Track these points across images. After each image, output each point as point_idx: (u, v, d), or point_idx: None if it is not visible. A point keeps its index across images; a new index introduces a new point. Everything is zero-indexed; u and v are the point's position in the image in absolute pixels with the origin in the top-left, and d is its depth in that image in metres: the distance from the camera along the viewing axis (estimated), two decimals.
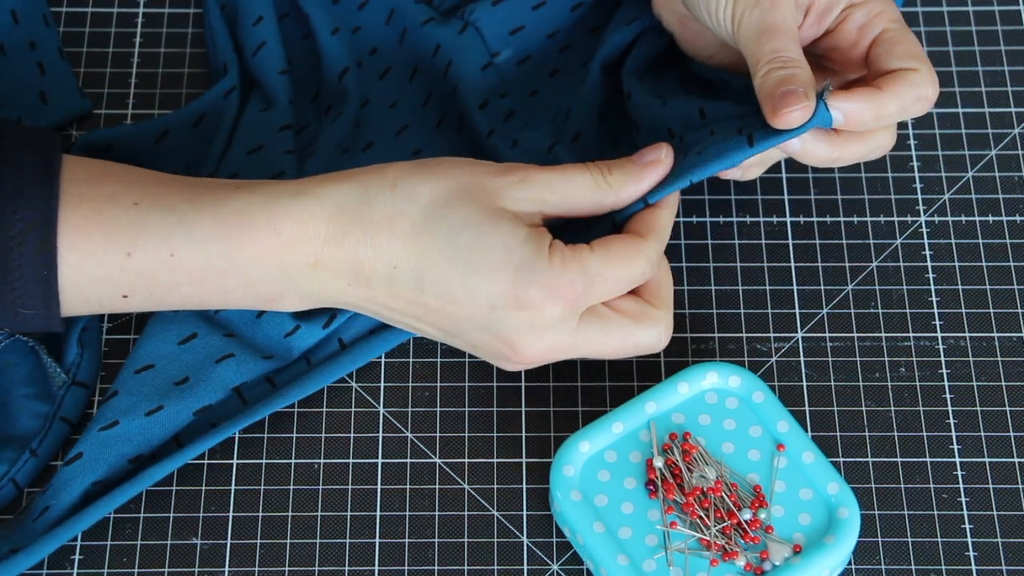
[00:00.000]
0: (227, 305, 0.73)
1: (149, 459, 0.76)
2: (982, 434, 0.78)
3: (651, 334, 0.73)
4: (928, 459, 0.77)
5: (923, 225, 0.84)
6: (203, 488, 0.76)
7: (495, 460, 0.77)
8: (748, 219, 0.84)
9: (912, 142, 0.87)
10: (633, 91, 0.83)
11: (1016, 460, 0.77)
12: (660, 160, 0.73)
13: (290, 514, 0.76)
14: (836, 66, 0.78)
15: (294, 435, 0.78)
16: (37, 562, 0.73)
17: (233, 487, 0.76)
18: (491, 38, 0.86)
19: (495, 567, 0.75)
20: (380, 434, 0.78)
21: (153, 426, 0.75)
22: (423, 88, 0.86)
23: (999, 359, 0.80)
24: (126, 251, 0.70)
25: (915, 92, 0.74)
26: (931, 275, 0.82)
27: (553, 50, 0.87)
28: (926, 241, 0.83)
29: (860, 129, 0.74)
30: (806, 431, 0.77)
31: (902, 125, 0.87)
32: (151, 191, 0.71)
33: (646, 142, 0.79)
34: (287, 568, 0.74)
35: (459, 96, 0.84)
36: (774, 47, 0.73)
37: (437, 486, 0.77)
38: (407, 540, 0.75)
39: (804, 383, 0.79)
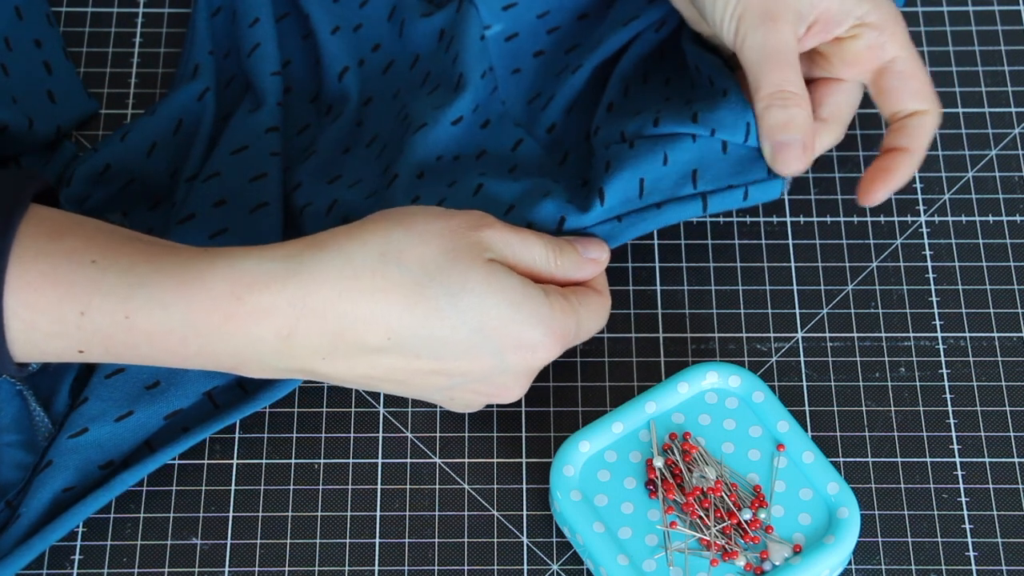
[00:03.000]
0: (187, 367, 0.71)
1: (121, 465, 0.75)
2: (982, 434, 0.78)
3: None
4: (928, 459, 0.77)
5: (923, 225, 0.84)
6: (203, 488, 0.76)
7: (495, 460, 0.77)
8: (748, 219, 0.84)
9: None
10: (615, 102, 0.83)
11: (1016, 460, 0.77)
12: (599, 260, 0.75)
13: (290, 514, 0.76)
14: (830, 67, 0.79)
15: (294, 435, 0.78)
16: (12, 574, 0.72)
17: (233, 487, 0.76)
18: (485, 11, 0.86)
19: (495, 567, 0.75)
20: (380, 434, 0.78)
21: (123, 432, 0.75)
22: (423, 71, 0.87)
23: (999, 359, 0.80)
24: (79, 310, 0.67)
25: (931, 134, 0.79)
26: (931, 275, 0.82)
27: (541, 31, 0.87)
28: (926, 241, 0.83)
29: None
30: (806, 431, 0.77)
31: None
32: (113, 249, 0.68)
33: (600, 142, 0.81)
34: (287, 568, 0.74)
35: (460, 64, 0.84)
36: (776, 79, 0.75)
37: (437, 486, 0.77)
38: (407, 540, 0.75)
39: (804, 383, 0.79)
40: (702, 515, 0.73)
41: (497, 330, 0.69)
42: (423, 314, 0.68)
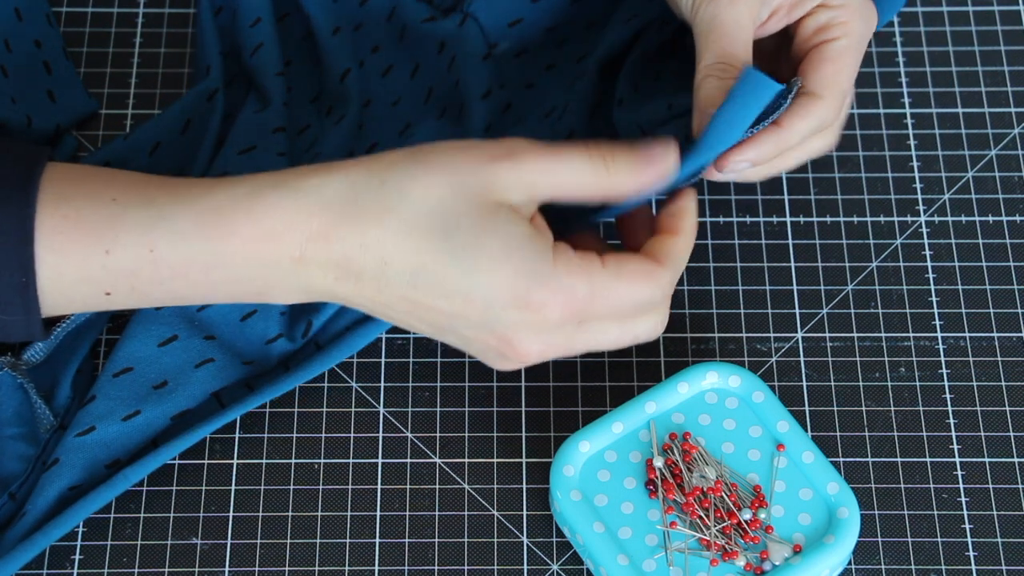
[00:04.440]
0: (215, 300, 0.71)
1: (126, 463, 0.75)
2: (982, 434, 0.78)
3: (649, 324, 0.70)
4: (928, 459, 0.77)
5: (923, 225, 0.84)
6: (203, 488, 0.76)
7: (495, 460, 0.77)
8: (748, 219, 0.84)
9: (912, 142, 0.87)
10: (625, 98, 0.83)
11: (1016, 460, 0.77)
12: (666, 160, 0.69)
13: (290, 514, 0.76)
14: (791, 53, 0.78)
15: (294, 435, 0.78)
16: (13, 572, 0.72)
17: (233, 487, 0.77)
18: (490, 29, 0.86)
19: (495, 567, 0.75)
20: (380, 434, 0.78)
21: (130, 431, 0.75)
22: (425, 84, 0.87)
23: (999, 359, 0.80)
24: (104, 249, 0.68)
25: (810, 120, 0.74)
26: (931, 275, 0.82)
27: (550, 44, 0.87)
28: (926, 241, 0.84)
29: (767, 161, 0.74)
30: (806, 431, 0.77)
31: (902, 125, 0.87)
32: (131, 187, 0.70)
33: (623, 138, 0.80)
34: (287, 568, 0.75)
35: (462, 87, 0.84)
36: (718, 51, 0.73)
37: (437, 486, 0.77)
38: (407, 540, 0.75)
39: (804, 383, 0.79)
40: (702, 515, 0.73)
41: (489, 279, 0.67)
42: (416, 244, 0.67)
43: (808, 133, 0.74)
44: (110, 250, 0.68)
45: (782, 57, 0.80)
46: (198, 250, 0.68)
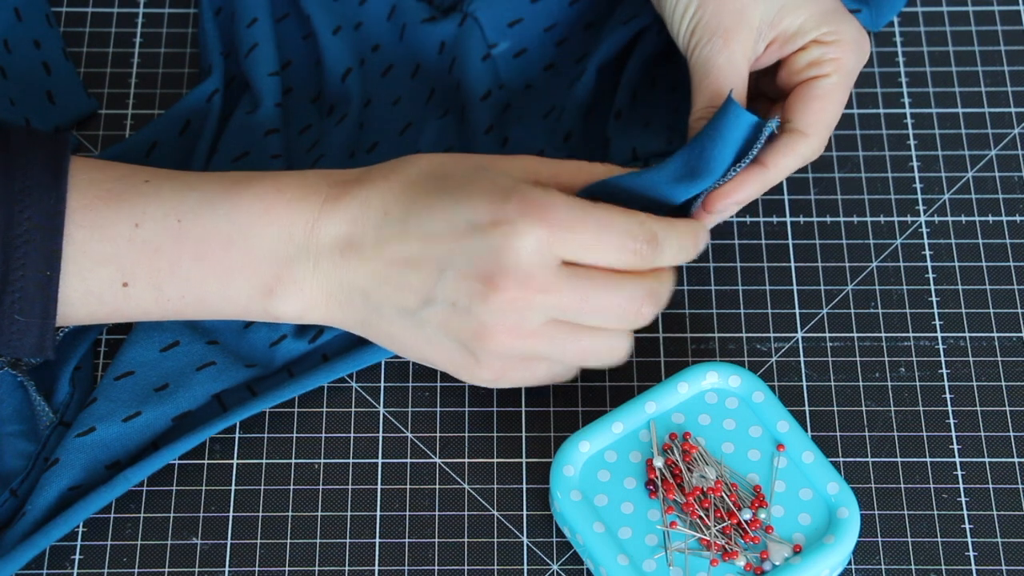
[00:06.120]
0: (224, 302, 0.72)
1: (126, 464, 0.75)
2: (982, 434, 0.78)
3: (637, 287, 0.71)
4: (928, 459, 0.77)
5: (923, 225, 0.84)
6: (203, 488, 0.77)
7: (495, 460, 0.77)
8: (748, 219, 0.84)
9: (912, 142, 0.87)
10: (623, 110, 0.83)
11: (1016, 460, 0.77)
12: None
13: (290, 514, 0.76)
14: (778, 79, 0.79)
15: (294, 435, 0.78)
16: (14, 572, 0.72)
17: (233, 487, 0.77)
18: (489, 29, 0.86)
19: (495, 567, 0.75)
20: (380, 434, 0.78)
21: (130, 432, 0.75)
22: (426, 84, 0.87)
23: (999, 359, 0.80)
24: (134, 221, 0.70)
25: (795, 158, 0.76)
26: (931, 275, 0.82)
27: (549, 44, 0.88)
28: (926, 241, 0.84)
29: (753, 199, 0.77)
30: (806, 431, 0.77)
31: (902, 125, 0.87)
32: (162, 172, 0.73)
33: (615, 158, 0.82)
34: (287, 568, 0.75)
35: (463, 90, 0.85)
36: (711, 94, 0.75)
37: (437, 486, 0.77)
38: (407, 540, 0.75)
39: (804, 383, 0.79)
40: (702, 515, 0.73)
41: (472, 200, 0.69)
42: (415, 191, 0.71)
43: (792, 170, 0.76)
44: (139, 223, 0.70)
45: (762, 82, 0.80)
46: (222, 217, 0.71)
